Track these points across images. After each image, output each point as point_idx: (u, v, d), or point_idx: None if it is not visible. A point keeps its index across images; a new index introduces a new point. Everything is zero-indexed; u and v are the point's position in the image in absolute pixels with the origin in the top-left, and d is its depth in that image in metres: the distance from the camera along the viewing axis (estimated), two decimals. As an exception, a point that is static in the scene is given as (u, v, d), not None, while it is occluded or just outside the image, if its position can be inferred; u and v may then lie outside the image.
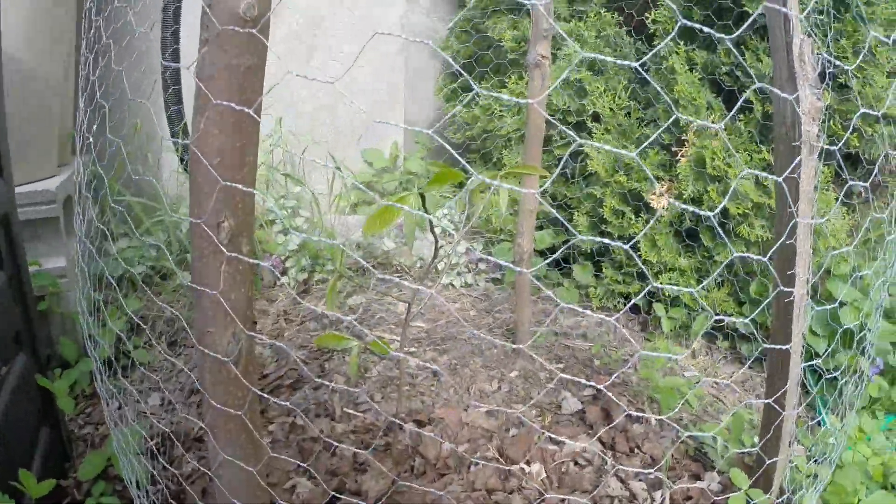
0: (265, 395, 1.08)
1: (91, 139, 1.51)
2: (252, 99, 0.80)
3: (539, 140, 2.01)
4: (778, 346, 1.37)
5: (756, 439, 1.69)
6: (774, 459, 1.46)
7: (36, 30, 2.13)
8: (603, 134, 2.33)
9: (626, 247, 0.68)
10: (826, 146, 2.15)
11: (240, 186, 0.83)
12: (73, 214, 2.35)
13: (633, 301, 2.37)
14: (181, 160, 2.46)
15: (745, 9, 2.01)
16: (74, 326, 2.22)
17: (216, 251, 0.85)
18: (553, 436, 1.85)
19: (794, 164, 1.26)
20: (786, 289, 1.29)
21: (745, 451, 1.75)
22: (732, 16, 2.09)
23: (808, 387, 2.18)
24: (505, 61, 2.67)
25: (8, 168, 1.65)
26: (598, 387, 1.23)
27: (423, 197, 1.16)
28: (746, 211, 2.12)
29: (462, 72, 0.89)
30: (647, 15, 2.20)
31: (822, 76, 2.09)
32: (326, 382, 1.97)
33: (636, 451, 1.89)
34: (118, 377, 2.23)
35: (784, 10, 1.12)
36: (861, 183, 1.85)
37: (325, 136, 2.88)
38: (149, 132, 2.60)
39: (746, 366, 2.27)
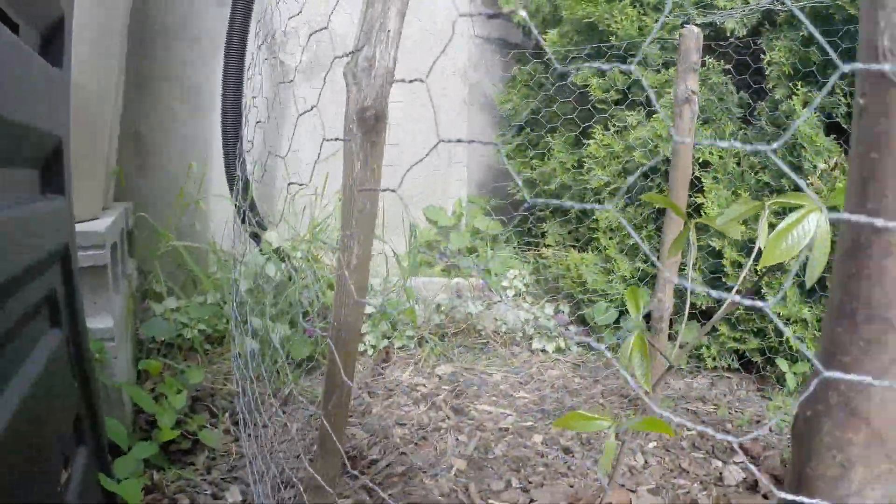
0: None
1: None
2: None
3: (685, 183, 1.81)
4: None
5: None
6: None
7: (97, 52, 1.74)
8: (712, 182, 2.17)
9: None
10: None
11: None
12: (119, 265, 1.89)
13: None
14: (241, 214, 2.07)
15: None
16: (121, 400, 1.72)
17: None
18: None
19: None
20: None
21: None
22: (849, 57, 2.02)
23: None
24: (585, 112, 2.50)
25: (69, 185, 1.24)
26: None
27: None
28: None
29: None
30: (762, 56, 2.11)
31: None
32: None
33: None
34: (184, 467, 1.74)
35: None
36: None
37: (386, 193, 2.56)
38: (204, 175, 2.20)
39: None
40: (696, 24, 2.22)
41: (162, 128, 2.35)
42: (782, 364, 2.12)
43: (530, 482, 1.72)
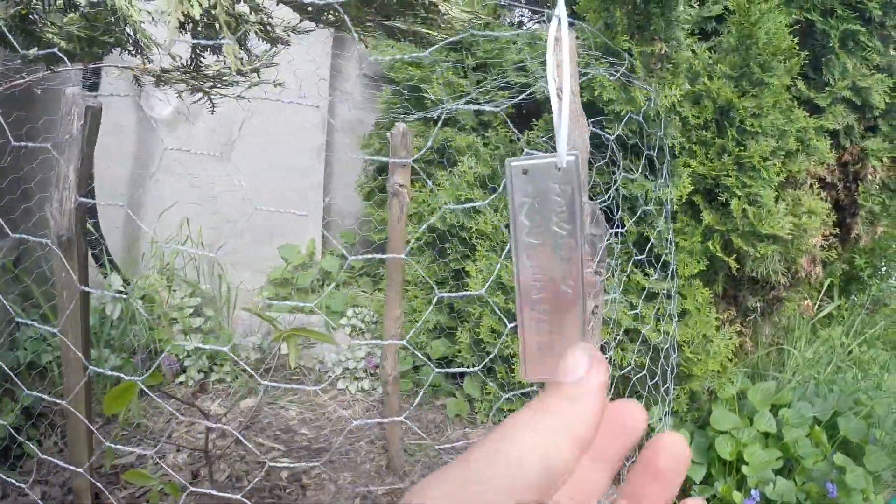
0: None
1: None
2: None
3: (399, 268, 2.09)
4: None
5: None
6: None
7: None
8: (487, 251, 2.40)
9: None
10: (706, 266, 2.19)
11: None
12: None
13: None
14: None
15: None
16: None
17: None
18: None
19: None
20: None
21: None
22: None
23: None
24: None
25: None
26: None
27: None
28: (619, 337, 2.15)
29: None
30: (529, 127, 2.30)
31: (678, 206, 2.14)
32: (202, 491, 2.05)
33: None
34: (13, 469, 2.35)
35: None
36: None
37: (242, 232, 3.01)
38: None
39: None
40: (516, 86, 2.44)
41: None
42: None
43: (258, 510, 2.16)
